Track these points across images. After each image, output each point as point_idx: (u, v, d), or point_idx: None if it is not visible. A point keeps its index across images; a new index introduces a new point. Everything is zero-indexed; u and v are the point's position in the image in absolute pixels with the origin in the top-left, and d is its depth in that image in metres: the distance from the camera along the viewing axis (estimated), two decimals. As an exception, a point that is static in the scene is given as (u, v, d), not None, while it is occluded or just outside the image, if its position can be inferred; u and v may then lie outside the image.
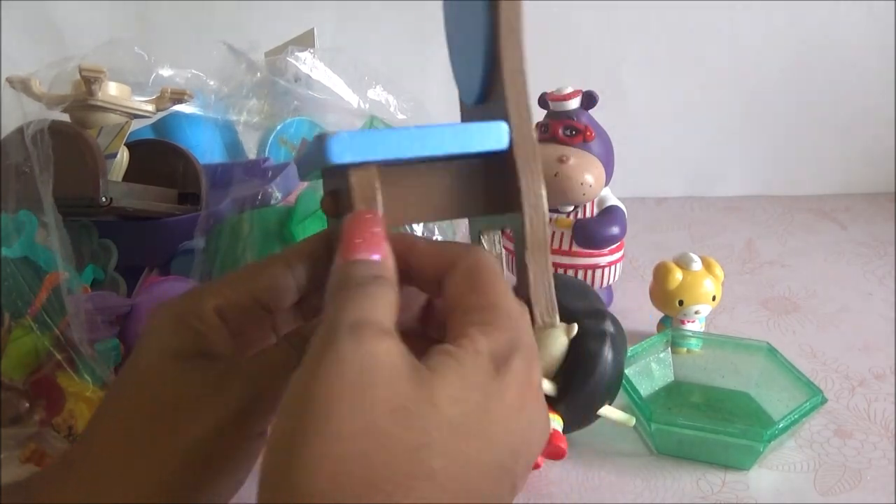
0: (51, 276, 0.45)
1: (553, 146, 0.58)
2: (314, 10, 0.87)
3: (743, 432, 0.44)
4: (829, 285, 0.72)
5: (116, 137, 0.51)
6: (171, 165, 0.56)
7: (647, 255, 0.77)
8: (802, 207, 0.95)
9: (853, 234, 0.86)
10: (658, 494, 0.44)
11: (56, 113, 0.51)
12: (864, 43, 0.94)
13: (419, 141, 0.28)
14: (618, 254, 0.63)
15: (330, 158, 0.27)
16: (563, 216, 0.61)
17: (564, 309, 0.46)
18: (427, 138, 0.28)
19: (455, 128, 0.29)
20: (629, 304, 0.66)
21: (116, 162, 0.51)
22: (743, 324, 0.65)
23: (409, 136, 0.28)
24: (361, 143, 0.27)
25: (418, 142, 0.28)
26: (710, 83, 0.96)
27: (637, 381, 0.50)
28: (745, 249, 0.82)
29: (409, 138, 0.28)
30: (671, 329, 0.56)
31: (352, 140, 0.27)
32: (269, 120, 0.58)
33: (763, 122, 0.98)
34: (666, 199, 0.99)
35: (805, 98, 0.97)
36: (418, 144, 0.28)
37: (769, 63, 0.95)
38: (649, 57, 0.94)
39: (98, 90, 0.50)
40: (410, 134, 0.28)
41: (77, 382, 0.44)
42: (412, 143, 0.28)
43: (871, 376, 0.56)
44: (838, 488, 0.44)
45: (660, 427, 0.45)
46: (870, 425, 0.50)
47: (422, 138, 0.28)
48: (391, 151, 0.28)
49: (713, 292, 0.56)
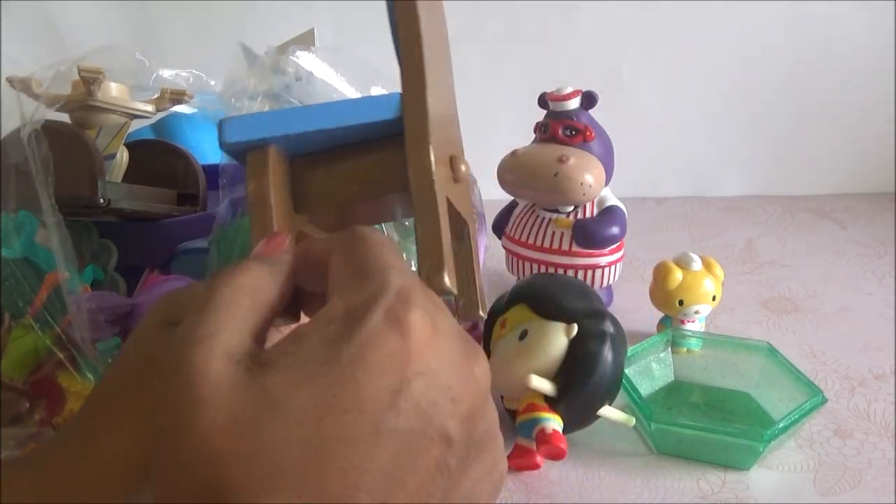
0: (51, 275, 0.45)
1: (553, 146, 0.58)
2: (315, 10, 0.87)
3: (743, 432, 0.44)
4: (829, 285, 0.72)
5: (115, 138, 0.51)
6: (171, 166, 0.56)
7: (647, 255, 0.77)
8: (802, 207, 0.95)
9: (853, 234, 0.86)
10: (658, 494, 0.44)
11: (56, 113, 0.51)
12: (864, 43, 0.94)
13: (310, 115, 0.28)
14: (618, 254, 0.63)
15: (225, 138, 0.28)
16: (563, 216, 0.61)
17: (565, 309, 0.47)
18: (319, 111, 0.28)
19: (349, 101, 0.29)
20: (629, 304, 0.66)
21: (115, 162, 0.51)
22: (743, 324, 0.65)
23: (301, 112, 0.28)
24: (253, 122, 0.28)
25: (309, 116, 0.28)
26: (710, 83, 0.96)
27: (637, 381, 0.50)
28: (745, 249, 0.82)
29: (301, 113, 0.28)
30: (671, 329, 0.56)
31: (243, 120, 0.28)
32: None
33: (763, 122, 0.98)
34: (666, 199, 0.99)
35: (805, 98, 0.97)
36: (309, 118, 0.28)
37: (769, 63, 0.95)
38: (649, 57, 0.95)
39: (97, 90, 0.50)
40: (303, 110, 0.28)
41: (79, 382, 0.44)
42: (303, 118, 0.28)
43: (871, 376, 0.56)
44: (838, 488, 0.44)
45: (660, 427, 0.45)
46: (870, 425, 0.50)
47: (312, 112, 0.28)
48: (283, 127, 0.28)
49: (713, 292, 0.56)
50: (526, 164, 0.59)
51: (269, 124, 0.28)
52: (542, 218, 0.62)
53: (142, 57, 0.53)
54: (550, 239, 0.61)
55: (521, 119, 0.65)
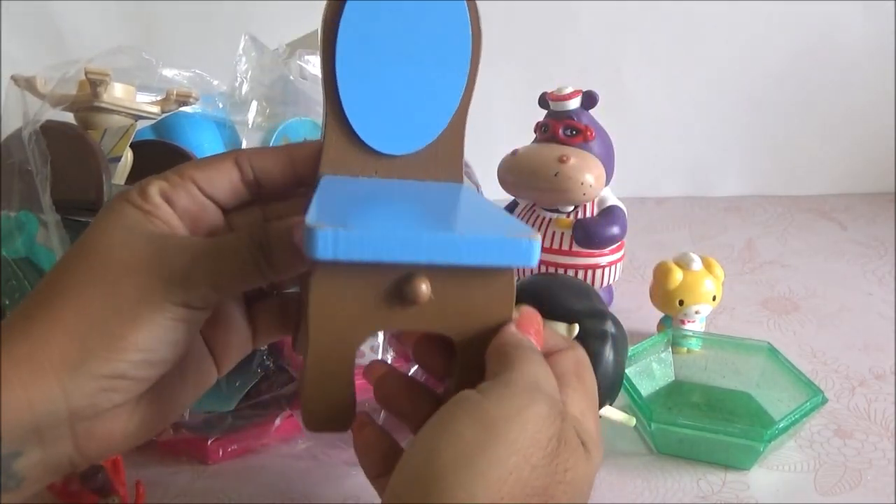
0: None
1: (553, 146, 0.59)
2: (318, 10, 0.87)
3: (743, 432, 0.44)
4: (829, 285, 0.72)
5: (122, 140, 0.51)
6: (174, 166, 0.56)
7: (647, 255, 0.77)
8: (802, 207, 0.95)
9: (853, 234, 0.86)
10: (658, 494, 0.44)
11: (61, 113, 0.51)
12: (864, 43, 0.94)
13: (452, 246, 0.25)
14: (618, 254, 0.63)
15: (314, 254, 0.24)
16: (563, 216, 0.61)
17: (566, 309, 0.47)
18: (461, 243, 0.25)
19: (493, 240, 0.25)
20: (629, 304, 0.66)
21: (121, 165, 0.51)
22: (743, 324, 0.65)
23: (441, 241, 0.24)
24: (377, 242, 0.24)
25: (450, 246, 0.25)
26: (711, 83, 0.96)
27: (638, 381, 0.50)
28: (745, 249, 0.82)
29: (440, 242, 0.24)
30: (671, 329, 0.56)
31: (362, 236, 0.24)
32: (270, 120, 0.58)
33: (763, 122, 0.98)
34: (666, 199, 1.00)
35: (805, 98, 0.97)
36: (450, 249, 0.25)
37: (769, 63, 0.95)
38: (649, 57, 0.95)
39: (103, 92, 0.50)
40: (443, 239, 0.24)
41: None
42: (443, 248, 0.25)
43: (871, 376, 0.56)
44: (838, 488, 0.44)
45: (660, 427, 0.45)
46: (870, 425, 0.50)
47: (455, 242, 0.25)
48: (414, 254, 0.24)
49: (713, 292, 0.56)
50: (526, 164, 0.59)
51: (396, 247, 0.24)
52: (542, 218, 0.62)
53: (148, 56, 0.53)
54: (551, 239, 0.61)
55: (521, 119, 0.65)
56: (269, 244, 0.28)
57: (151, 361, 0.27)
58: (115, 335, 0.26)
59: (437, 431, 0.25)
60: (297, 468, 0.46)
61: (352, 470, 0.45)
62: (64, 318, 0.26)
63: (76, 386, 0.26)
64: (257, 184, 0.31)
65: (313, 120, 0.62)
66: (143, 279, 0.27)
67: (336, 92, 0.30)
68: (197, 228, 0.30)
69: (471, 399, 0.25)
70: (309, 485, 0.44)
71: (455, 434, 0.24)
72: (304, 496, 0.43)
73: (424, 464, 0.24)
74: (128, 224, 0.28)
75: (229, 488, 0.44)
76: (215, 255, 0.28)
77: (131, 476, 0.41)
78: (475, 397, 0.25)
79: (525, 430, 0.24)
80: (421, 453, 0.25)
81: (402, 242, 0.24)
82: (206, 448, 0.46)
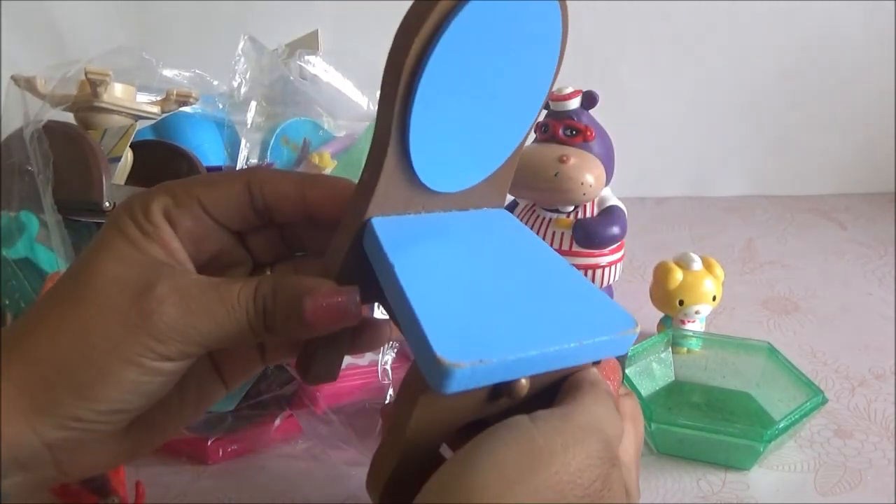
0: (52, 276, 0.46)
1: (553, 146, 0.58)
2: (317, 10, 0.87)
3: (743, 432, 0.44)
4: (829, 285, 0.72)
5: (122, 140, 0.51)
6: (174, 166, 0.56)
7: (647, 255, 0.77)
8: (802, 207, 0.95)
9: (853, 234, 0.86)
10: (658, 494, 0.44)
11: (61, 113, 0.51)
12: (864, 43, 0.94)
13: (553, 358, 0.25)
14: (618, 254, 0.63)
15: (443, 390, 0.23)
16: (563, 216, 0.61)
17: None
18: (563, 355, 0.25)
19: (596, 344, 0.26)
20: (629, 304, 0.65)
21: (121, 165, 0.51)
22: (743, 324, 0.65)
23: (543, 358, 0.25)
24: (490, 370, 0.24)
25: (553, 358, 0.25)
26: (710, 83, 0.96)
27: (638, 381, 0.50)
28: (745, 249, 0.82)
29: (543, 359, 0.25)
30: (672, 329, 0.56)
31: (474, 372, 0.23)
32: (270, 120, 0.58)
33: (763, 122, 0.98)
34: (666, 199, 1.00)
35: (805, 98, 0.97)
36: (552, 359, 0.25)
37: (769, 63, 0.95)
38: (649, 57, 0.95)
39: (103, 92, 0.50)
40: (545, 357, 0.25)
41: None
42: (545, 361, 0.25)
43: (871, 376, 0.56)
44: (838, 488, 0.44)
45: (660, 427, 0.45)
46: (870, 425, 0.50)
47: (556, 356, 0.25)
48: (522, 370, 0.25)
49: (713, 292, 0.56)
50: (526, 164, 0.59)
51: (520, 369, 0.25)
52: (542, 218, 0.62)
53: (148, 56, 0.53)
54: (551, 239, 0.61)
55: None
56: (274, 310, 0.26)
57: (126, 409, 0.26)
58: (83, 385, 0.25)
59: (480, 452, 0.24)
60: (297, 468, 0.46)
61: (352, 470, 0.45)
62: (37, 359, 0.25)
63: (45, 429, 0.25)
64: (267, 210, 0.29)
65: (313, 120, 0.62)
66: (118, 330, 0.25)
67: (405, 136, 0.26)
68: (200, 251, 0.29)
69: (521, 425, 0.25)
70: (309, 485, 0.44)
71: (497, 457, 0.24)
72: (304, 496, 0.43)
73: (459, 480, 0.24)
74: (121, 255, 0.26)
75: (229, 488, 0.44)
76: (206, 309, 0.26)
77: (131, 476, 0.41)
78: (525, 424, 0.25)
79: (568, 466, 0.24)
80: (459, 470, 0.24)
81: (528, 364, 0.25)
82: (206, 448, 0.46)
